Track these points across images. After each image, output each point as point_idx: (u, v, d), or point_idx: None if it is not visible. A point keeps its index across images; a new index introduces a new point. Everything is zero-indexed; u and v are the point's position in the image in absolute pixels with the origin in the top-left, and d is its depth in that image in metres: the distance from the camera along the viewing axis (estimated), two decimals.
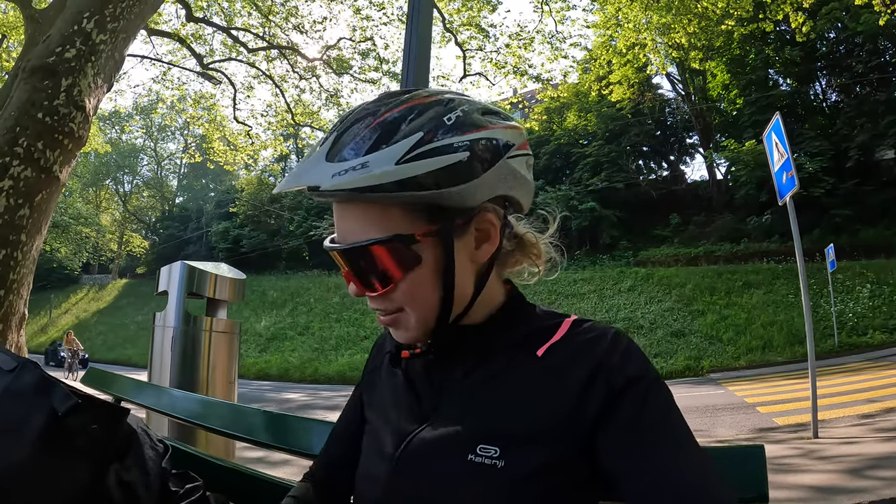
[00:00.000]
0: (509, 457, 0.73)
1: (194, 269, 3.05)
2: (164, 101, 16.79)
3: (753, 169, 22.99)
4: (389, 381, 0.94)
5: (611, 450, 0.71)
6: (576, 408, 0.74)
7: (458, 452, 0.75)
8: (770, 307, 18.69)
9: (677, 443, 0.70)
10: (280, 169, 45.77)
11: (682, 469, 0.67)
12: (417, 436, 0.82)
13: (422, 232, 0.77)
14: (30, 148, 4.12)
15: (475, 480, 0.73)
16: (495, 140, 0.80)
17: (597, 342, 0.79)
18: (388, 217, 0.77)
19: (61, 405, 0.99)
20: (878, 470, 4.38)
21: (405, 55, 3.15)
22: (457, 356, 0.86)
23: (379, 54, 14.15)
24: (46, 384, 1.03)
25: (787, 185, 6.31)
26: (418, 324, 0.83)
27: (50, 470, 0.95)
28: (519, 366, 0.81)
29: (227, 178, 53.31)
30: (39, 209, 4.24)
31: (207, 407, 1.80)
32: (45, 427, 0.97)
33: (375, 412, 0.94)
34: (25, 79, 4.33)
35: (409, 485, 0.79)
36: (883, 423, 6.45)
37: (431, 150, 0.74)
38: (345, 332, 26.40)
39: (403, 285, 0.79)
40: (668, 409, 0.73)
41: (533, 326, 0.86)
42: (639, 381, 0.74)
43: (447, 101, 0.80)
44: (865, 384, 9.70)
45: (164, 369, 2.94)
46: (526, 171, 0.86)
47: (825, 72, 27.27)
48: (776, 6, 11.27)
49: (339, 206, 0.81)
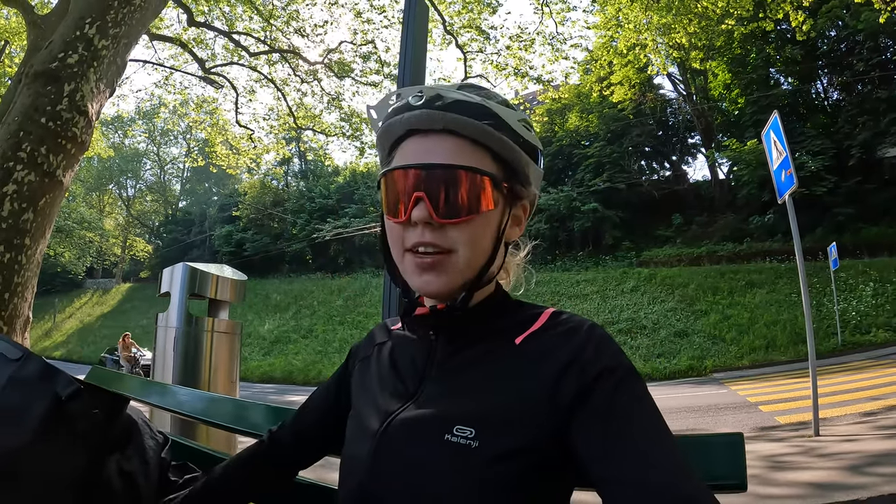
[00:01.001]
0: (484, 438, 0.75)
1: (196, 270, 3.09)
2: (167, 105, 16.80)
3: (755, 168, 22.95)
4: (377, 369, 0.98)
5: (583, 437, 0.73)
6: (550, 394, 0.76)
7: (436, 432, 0.78)
8: (773, 306, 18.67)
9: (649, 432, 0.71)
10: (283, 172, 45.89)
11: (653, 458, 0.68)
12: (399, 415, 0.84)
13: (507, 185, 0.87)
14: (33, 153, 4.15)
15: (451, 460, 0.75)
16: (538, 147, 0.93)
17: (573, 332, 0.82)
18: (482, 160, 0.85)
19: (64, 390, 1.03)
20: (877, 467, 4.39)
21: (401, 58, 3.17)
22: (441, 339, 0.90)
23: (380, 57, 14.16)
24: (50, 371, 1.07)
25: (786, 182, 6.33)
26: (464, 269, 0.84)
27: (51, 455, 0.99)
28: (498, 352, 0.85)
29: (230, 182, 53.41)
30: (43, 213, 4.27)
31: (211, 403, 1.82)
32: (47, 412, 1.00)
33: (363, 398, 0.96)
34: (28, 84, 4.37)
35: (388, 462, 0.81)
36: (885, 420, 6.45)
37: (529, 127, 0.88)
38: (348, 334, 26.41)
39: (476, 223, 0.84)
40: (641, 399, 0.75)
41: (514, 317, 0.89)
42: (613, 370, 0.76)
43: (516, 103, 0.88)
44: (868, 382, 9.69)
45: (167, 369, 2.97)
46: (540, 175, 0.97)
47: (826, 70, 27.23)
48: (776, 5, 11.27)
49: (438, 137, 0.85)
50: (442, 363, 0.88)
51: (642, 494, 0.65)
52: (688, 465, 0.68)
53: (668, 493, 0.64)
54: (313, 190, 42.52)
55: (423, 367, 0.90)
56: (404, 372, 0.92)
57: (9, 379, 1.05)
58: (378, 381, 0.95)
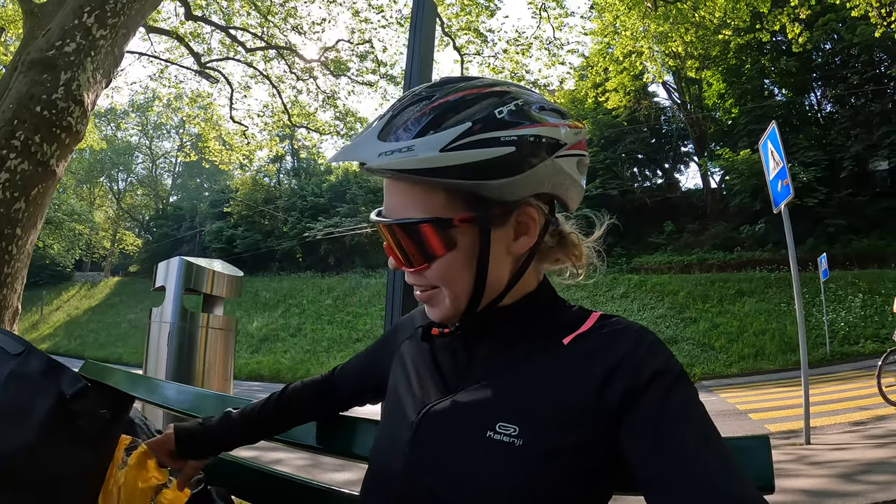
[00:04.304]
0: (528, 437, 0.75)
1: (192, 264, 3.06)
2: (161, 98, 16.70)
3: (748, 178, 23.03)
4: (416, 355, 0.98)
5: (632, 439, 0.72)
6: (598, 396, 0.75)
7: (478, 428, 0.78)
8: (762, 315, 18.70)
9: (700, 436, 0.70)
10: (275, 169, 45.71)
11: (705, 464, 0.67)
12: (436, 407, 0.84)
13: (460, 218, 0.80)
14: (27, 141, 4.11)
15: (493, 457, 0.75)
16: (545, 138, 0.81)
17: (624, 334, 0.81)
18: (431, 199, 0.80)
19: (69, 388, 0.99)
20: (870, 475, 4.42)
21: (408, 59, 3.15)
22: (484, 336, 0.89)
23: (377, 57, 14.17)
24: (55, 368, 1.03)
25: (783, 193, 6.34)
26: (451, 304, 0.86)
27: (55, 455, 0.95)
28: (545, 351, 0.84)
29: (222, 178, 53.10)
30: (35, 203, 4.23)
31: (202, 399, 1.80)
32: (51, 410, 0.96)
33: (400, 383, 0.96)
34: (24, 72, 4.32)
35: (425, 454, 0.81)
36: (874, 430, 6.48)
37: (477, 141, 0.76)
38: (337, 334, 26.32)
39: (438, 266, 0.83)
40: (693, 404, 0.74)
41: (561, 317, 0.89)
42: (664, 374, 0.75)
43: (503, 93, 0.82)
44: (857, 392, 9.72)
45: (161, 365, 2.93)
46: (576, 170, 0.88)
47: (820, 82, 27.36)
48: (773, 17, 11.36)
49: (389, 182, 0.85)
50: (483, 360, 0.88)
51: (694, 497, 0.65)
52: (742, 475, 0.67)
53: (721, 495, 0.64)
54: (305, 188, 42.32)
55: (465, 360, 0.90)
56: (444, 363, 0.92)
57: (9, 375, 1.01)
58: (416, 370, 0.95)
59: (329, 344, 25.34)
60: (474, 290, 0.84)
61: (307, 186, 42.47)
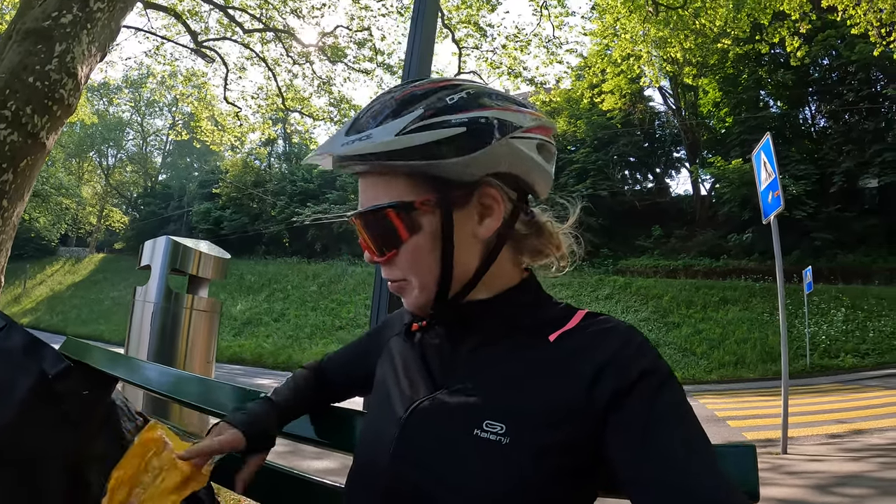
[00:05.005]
0: (514, 435, 0.75)
1: (179, 244, 3.02)
2: (155, 75, 16.54)
3: (738, 187, 23.14)
4: (404, 350, 0.98)
5: (618, 439, 0.73)
6: (585, 395, 0.75)
7: (465, 426, 0.78)
8: (745, 324, 18.83)
9: (686, 438, 0.71)
10: (266, 153, 45.47)
11: (690, 463, 0.67)
12: (423, 404, 0.85)
13: (421, 200, 0.84)
14: (18, 112, 4.05)
15: (479, 455, 0.76)
16: (497, 120, 0.84)
17: (611, 333, 0.82)
18: (393, 186, 0.85)
19: (52, 367, 0.96)
20: (845, 487, 4.47)
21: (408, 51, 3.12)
22: (468, 331, 0.89)
23: (375, 45, 14.08)
24: (36, 345, 1.00)
25: (773, 204, 6.37)
26: (421, 292, 0.88)
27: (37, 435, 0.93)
28: (530, 348, 0.84)
29: (213, 159, 52.74)
30: (23, 175, 4.17)
31: (179, 381, 1.80)
32: (33, 389, 0.93)
33: (388, 378, 0.97)
34: (18, 41, 4.26)
35: (412, 450, 0.82)
36: (851, 443, 6.54)
37: (429, 124, 0.81)
38: (320, 320, 26.29)
39: (405, 251, 0.86)
40: (679, 404, 0.74)
41: (547, 314, 0.88)
42: (652, 374, 0.76)
43: (456, 85, 0.87)
44: (835, 405, 9.82)
45: (143, 345, 2.89)
46: (537, 154, 0.89)
47: (816, 97, 27.53)
48: (773, 29, 11.41)
49: (361, 180, 0.89)
50: (468, 357, 0.88)
51: (677, 498, 0.65)
52: (724, 473, 0.68)
53: (704, 498, 0.65)
54: (295, 173, 42.14)
55: (450, 356, 0.90)
56: (430, 358, 0.93)
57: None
58: (404, 365, 0.95)
59: (312, 330, 25.30)
60: (442, 276, 0.86)
61: (297, 171, 42.30)
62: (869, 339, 16.71)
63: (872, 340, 16.65)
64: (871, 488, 4.53)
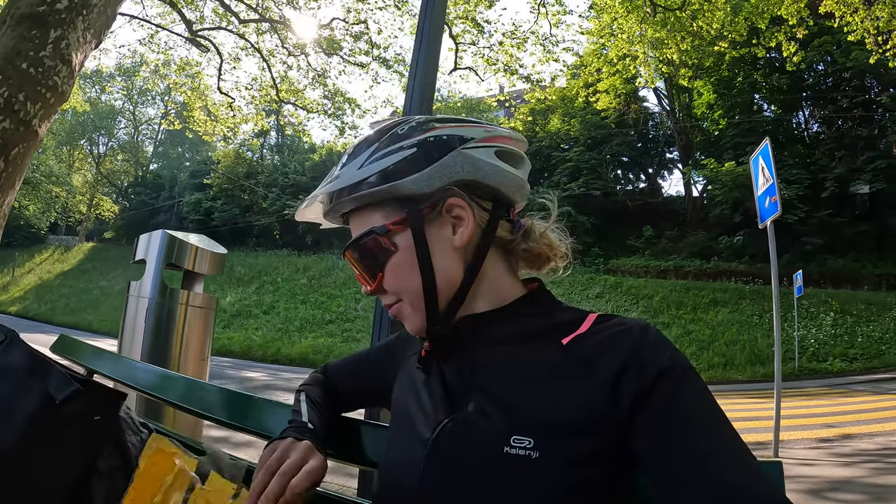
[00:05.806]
0: (543, 448, 0.75)
1: (175, 239, 2.97)
2: (149, 64, 16.40)
3: (730, 190, 23.22)
4: (423, 371, 0.97)
5: (645, 440, 0.73)
6: (608, 400, 0.76)
7: (493, 443, 0.78)
8: (734, 326, 18.92)
9: (712, 431, 0.71)
10: (259, 144, 45.29)
11: (719, 460, 0.68)
12: (448, 425, 0.84)
13: (392, 221, 0.90)
14: (10, 99, 3.99)
15: (511, 472, 0.75)
16: (446, 136, 0.91)
17: (626, 334, 0.81)
18: (368, 218, 0.92)
19: (59, 392, 0.89)
20: (837, 493, 4.48)
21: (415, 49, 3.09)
22: (478, 345, 0.89)
23: (371, 38, 14.01)
24: (41, 365, 0.93)
25: (770, 209, 6.37)
26: (414, 310, 0.91)
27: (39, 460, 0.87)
28: (544, 355, 0.83)
29: (204, 149, 52.53)
30: (15, 163, 4.11)
31: (167, 380, 1.77)
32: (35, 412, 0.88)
33: (408, 398, 0.96)
34: (13, 26, 4.19)
35: (442, 473, 0.80)
36: (841, 448, 6.55)
37: (385, 153, 0.90)
38: (310, 314, 26.22)
39: (389, 272, 0.91)
40: (701, 398, 0.75)
41: (556, 319, 0.88)
42: (670, 370, 0.75)
43: (405, 120, 0.95)
44: (824, 409, 9.88)
45: (136, 341, 2.85)
46: (496, 159, 0.94)
47: (810, 102, 27.63)
48: (770, 34, 11.45)
49: (351, 223, 0.97)
50: (486, 372, 0.87)
51: (713, 494, 0.65)
52: (755, 463, 0.68)
53: (740, 491, 0.64)
54: (288, 165, 41.99)
55: (468, 372, 0.89)
56: (448, 376, 0.91)
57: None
58: (422, 384, 0.94)
59: (301, 324, 25.24)
60: (427, 291, 0.89)
61: (290, 164, 42.18)
62: (857, 344, 16.83)
63: (861, 345, 16.77)
64: (864, 494, 4.54)
